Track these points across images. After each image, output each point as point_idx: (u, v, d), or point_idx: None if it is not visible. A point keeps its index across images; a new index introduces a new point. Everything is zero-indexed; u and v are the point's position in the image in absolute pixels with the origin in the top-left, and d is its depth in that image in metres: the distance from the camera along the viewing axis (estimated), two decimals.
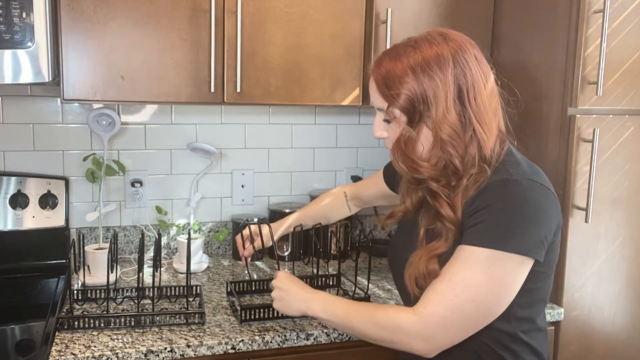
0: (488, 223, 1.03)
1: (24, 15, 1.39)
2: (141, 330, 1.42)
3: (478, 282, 1.02)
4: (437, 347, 1.06)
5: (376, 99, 1.13)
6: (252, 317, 1.49)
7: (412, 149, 1.10)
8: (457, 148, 1.07)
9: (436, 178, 1.10)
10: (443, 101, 1.05)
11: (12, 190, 1.80)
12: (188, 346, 1.36)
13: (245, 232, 1.57)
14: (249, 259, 1.58)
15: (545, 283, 1.12)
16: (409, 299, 1.16)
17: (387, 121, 1.13)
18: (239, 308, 1.49)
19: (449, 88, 1.06)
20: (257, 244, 1.58)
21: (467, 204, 1.07)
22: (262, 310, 1.49)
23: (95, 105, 1.87)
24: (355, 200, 1.64)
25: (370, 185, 1.60)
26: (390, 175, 1.48)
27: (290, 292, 1.28)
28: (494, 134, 1.10)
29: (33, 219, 1.81)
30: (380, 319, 1.11)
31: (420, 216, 1.17)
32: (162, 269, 1.74)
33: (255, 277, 1.81)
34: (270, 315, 1.50)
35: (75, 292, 1.57)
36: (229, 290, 1.66)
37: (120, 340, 1.36)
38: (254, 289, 1.70)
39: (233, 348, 1.39)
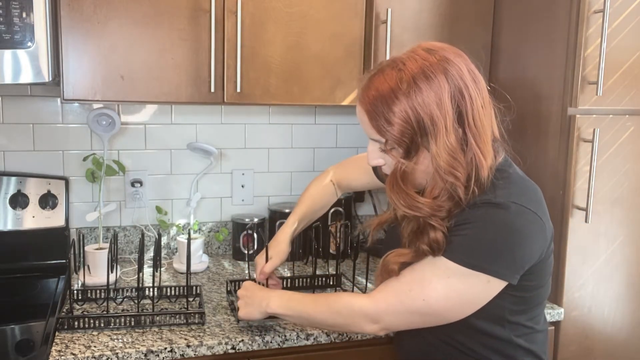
0: (463, 238, 1.02)
1: (24, 15, 1.39)
2: (141, 330, 1.42)
3: (434, 286, 1.03)
4: (385, 328, 1.11)
5: (369, 132, 1.06)
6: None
7: (410, 183, 1.05)
8: (459, 177, 1.01)
9: (437, 214, 1.04)
10: (442, 127, 0.99)
11: (12, 190, 1.80)
12: (188, 346, 1.36)
13: (260, 260, 1.51)
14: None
15: (539, 291, 1.11)
16: None
17: (384, 151, 1.07)
18: (238, 307, 1.49)
19: (448, 112, 0.99)
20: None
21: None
22: None
23: (95, 105, 1.87)
24: (342, 188, 1.59)
25: (359, 173, 1.52)
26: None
27: (253, 296, 1.31)
28: (491, 154, 1.05)
29: (33, 219, 1.81)
30: (335, 304, 1.14)
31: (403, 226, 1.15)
32: (162, 269, 1.74)
33: (255, 276, 1.80)
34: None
35: (75, 292, 1.57)
36: (228, 289, 1.66)
37: (120, 340, 1.36)
38: None
39: (233, 348, 1.39)
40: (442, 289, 1.03)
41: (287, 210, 2.04)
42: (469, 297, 1.04)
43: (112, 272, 1.50)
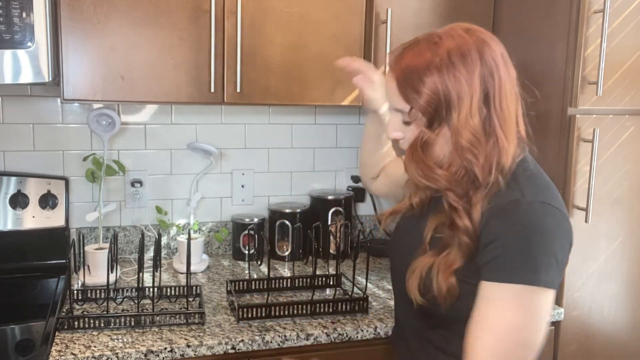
0: (507, 256, 0.97)
1: (24, 15, 1.39)
2: (141, 330, 1.42)
3: (520, 322, 0.97)
4: None
5: (396, 100, 1.05)
6: (250, 316, 1.49)
7: (430, 154, 1.03)
8: (477, 156, 1.00)
9: (453, 188, 1.03)
10: (467, 104, 0.98)
11: (12, 190, 1.80)
12: (188, 346, 1.36)
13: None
14: None
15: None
16: (407, 304, 1.13)
17: (405, 122, 1.06)
18: (236, 306, 1.49)
19: (475, 90, 0.99)
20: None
21: (477, 227, 1.00)
22: (260, 309, 1.50)
23: (95, 105, 1.87)
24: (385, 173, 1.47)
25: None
26: None
27: None
28: (515, 142, 1.04)
29: (33, 219, 1.81)
30: None
31: (424, 219, 1.12)
32: (162, 269, 1.74)
33: (255, 276, 1.81)
34: (268, 314, 1.50)
35: (75, 292, 1.57)
36: (228, 289, 1.66)
37: (120, 340, 1.36)
38: (253, 288, 1.70)
39: (233, 348, 1.39)
40: (527, 320, 0.97)
41: (287, 210, 2.04)
42: (544, 315, 0.99)
43: (112, 272, 1.50)
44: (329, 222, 2.06)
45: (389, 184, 1.47)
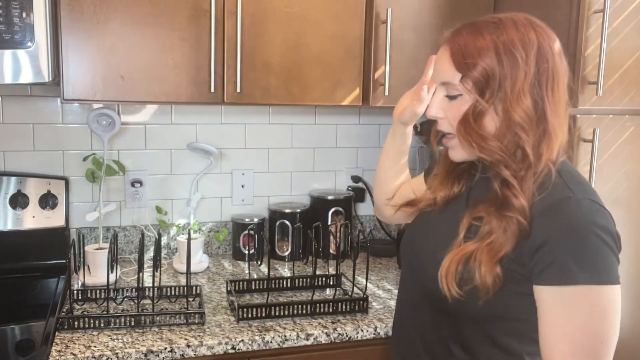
0: (567, 257, 0.95)
1: (24, 15, 1.39)
2: (141, 330, 1.42)
3: (593, 323, 0.97)
4: None
5: (446, 71, 1.03)
6: (250, 316, 1.49)
7: (482, 125, 1.01)
8: (528, 133, 0.99)
9: (507, 161, 1.00)
10: (521, 81, 0.98)
11: (12, 190, 1.80)
12: (188, 346, 1.36)
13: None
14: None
15: None
16: (428, 297, 1.09)
17: (451, 97, 1.03)
18: (236, 306, 1.49)
19: (530, 69, 0.98)
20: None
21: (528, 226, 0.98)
22: (260, 309, 1.50)
23: (95, 105, 1.87)
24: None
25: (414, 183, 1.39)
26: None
27: None
28: (563, 136, 1.02)
29: (33, 219, 1.81)
30: None
31: (451, 214, 1.09)
32: (162, 269, 1.74)
33: (255, 276, 1.81)
34: (269, 314, 1.50)
35: (75, 292, 1.57)
36: (228, 289, 1.66)
37: (120, 340, 1.36)
38: (253, 288, 1.70)
39: (233, 348, 1.39)
40: (601, 318, 0.97)
41: (287, 210, 2.04)
42: (617, 309, 1.01)
43: (112, 272, 1.50)
44: (329, 222, 2.06)
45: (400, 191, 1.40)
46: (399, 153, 1.37)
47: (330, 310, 1.55)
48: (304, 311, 1.53)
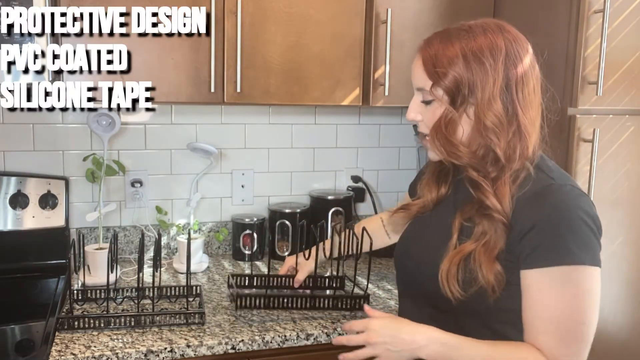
0: (550, 240, 0.99)
1: None
2: (141, 330, 1.42)
3: (574, 303, 0.99)
4: None
5: (419, 78, 1.09)
6: (249, 305, 1.51)
7: (453, 132, 1.06)
8: (499, 137, 1.04)
9: (474, 164, 1.06)
10: (490, 87, 1.02)
11: (12, 190, 1.80)
12: (188, 346, 1.36)
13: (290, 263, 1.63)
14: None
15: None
16: (427, 297, 1.12)
17: (426, 103, 1.09)
18: (235, 294, 1.50)
19: (498, 75, 1.03)
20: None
21: (509, 210, 1.03)
22: (259, 299, 1.51)
23: None
24: (391, 225, 1.43)
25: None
26: (414, 190, 1.34)
27: (397, 343, 1.09)
28: (536, 134, 1.07)
29: (33, 219, 1.81)
30: None
31: (443, 214, 1.13)
32: (162, 269, 1.74)
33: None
34: (267, 305, 1.52)
35: (75, 292, 1.57)
36: (229, 283, 1.66)
37: (120, 340, 1.36)
38: (255, 284, 1.70)
39: (233, 348, 1.39)
40: (585, 297, 1.00)
41: (287, 210, 2.04)
42: (596, 292, 1.02)
43: (112, 272, 1.50)
44: (329, 222, 2.06)
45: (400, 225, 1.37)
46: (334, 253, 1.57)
47: (331, 305, 1.55)
48: (304, 305, 1.53)
